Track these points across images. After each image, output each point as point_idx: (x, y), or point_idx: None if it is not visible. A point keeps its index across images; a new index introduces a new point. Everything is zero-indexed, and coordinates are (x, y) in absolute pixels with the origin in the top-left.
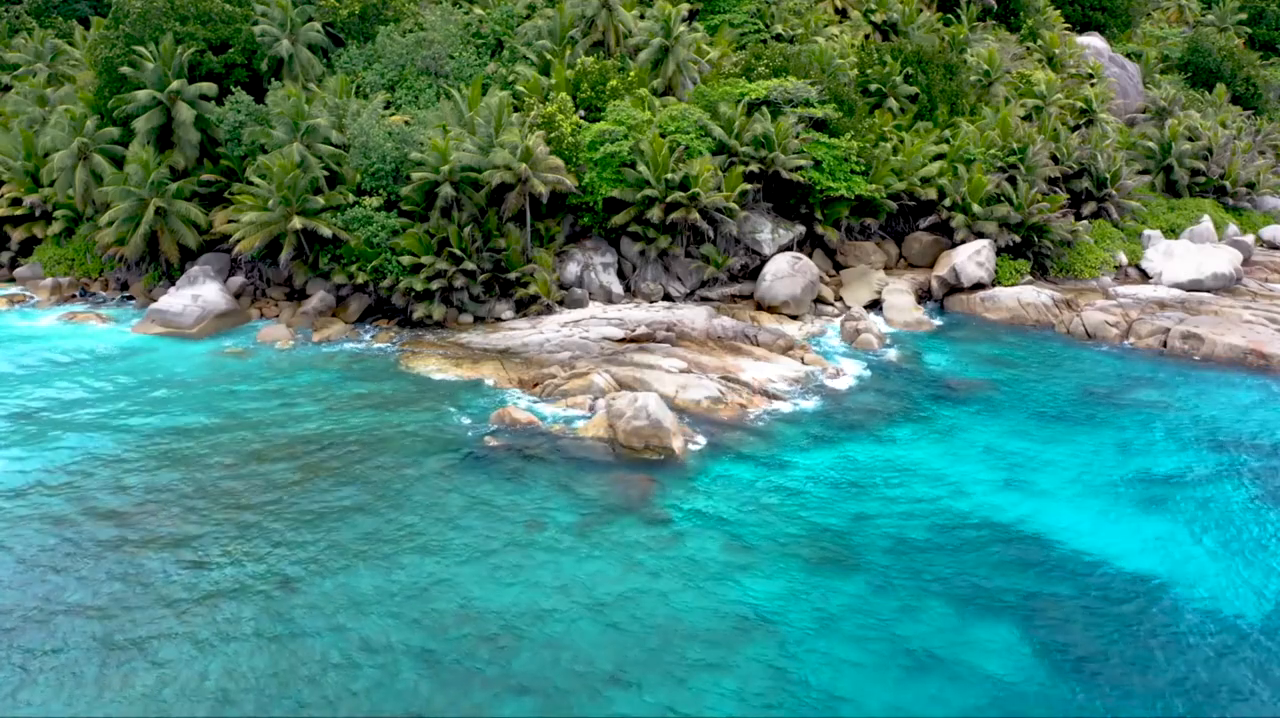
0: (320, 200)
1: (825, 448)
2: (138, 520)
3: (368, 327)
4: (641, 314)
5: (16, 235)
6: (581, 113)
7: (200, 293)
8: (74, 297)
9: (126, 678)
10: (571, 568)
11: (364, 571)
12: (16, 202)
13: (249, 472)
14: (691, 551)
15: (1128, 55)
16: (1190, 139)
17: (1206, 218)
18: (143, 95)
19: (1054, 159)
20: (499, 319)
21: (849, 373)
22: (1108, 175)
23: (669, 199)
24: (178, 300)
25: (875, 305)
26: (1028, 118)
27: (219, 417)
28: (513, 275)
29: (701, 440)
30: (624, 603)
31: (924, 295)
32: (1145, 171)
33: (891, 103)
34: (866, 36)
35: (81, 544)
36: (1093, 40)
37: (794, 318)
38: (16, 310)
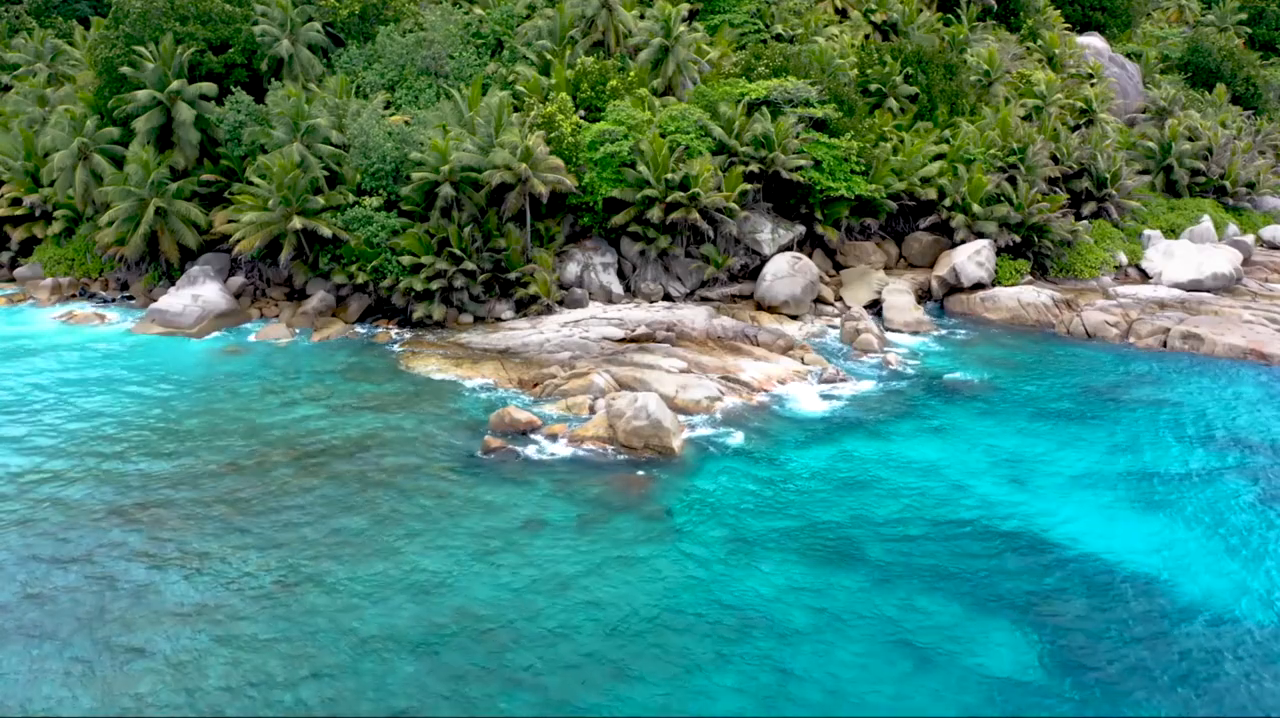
0: (320, 200)
1: (825, 446)
2: (134, 519)
3: (368, 327)
4: (641, 314)
5: (16, 235)
6: (581, 113)
7: (200, 293)
8: (74, 296)
9: (125, 678)
10: (571, 566)
11: (363, 570)
12: (16, 202)
13: (248, 471)
14: (691, 548)
15: (1128, 55)
16: (1190, 139)
17: (1206, 218)
18: (143, 95)
19: (1054, 159)
20: (499, 319)
21: (848, 373)
22: (1108, 175)
23: (669, 199)
24: (178, 300)
25: (875, 305)
26: (1028, 118)
27: (218, 417)
28: (513, 275)
29: (701, 440)
30: (624, 600)
31: (924, 295)
32: (1145, 171)
33: (891, 103)
34: (866, 36)
35: (77, 543)
36: (1093, 40)
37: (794, 318)
38: (16, 310)
